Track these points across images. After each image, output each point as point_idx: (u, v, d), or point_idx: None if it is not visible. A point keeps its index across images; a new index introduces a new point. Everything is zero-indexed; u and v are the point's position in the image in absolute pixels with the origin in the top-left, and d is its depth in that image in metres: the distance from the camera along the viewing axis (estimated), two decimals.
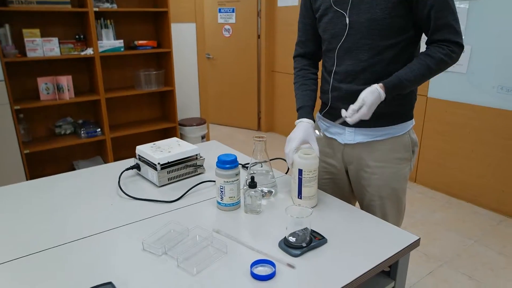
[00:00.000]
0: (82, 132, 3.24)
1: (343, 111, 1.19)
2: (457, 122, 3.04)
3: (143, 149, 1.44)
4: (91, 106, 3.49)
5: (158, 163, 1.35)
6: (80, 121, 3.41)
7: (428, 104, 3.18)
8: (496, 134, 2.81)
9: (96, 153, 3.63)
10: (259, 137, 1.26)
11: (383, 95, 1.16)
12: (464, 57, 2.85)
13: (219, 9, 4.94)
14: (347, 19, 1.23)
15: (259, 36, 4.78)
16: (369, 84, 1.21)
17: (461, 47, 1.17)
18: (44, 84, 3.07)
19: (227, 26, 4.95)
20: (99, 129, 3.32)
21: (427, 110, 3.21)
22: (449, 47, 1.16)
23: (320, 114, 1.48)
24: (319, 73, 1.47)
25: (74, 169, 3.37)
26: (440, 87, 3.07)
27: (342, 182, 1.47)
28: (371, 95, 1.15)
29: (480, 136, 2.91)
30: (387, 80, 1.18)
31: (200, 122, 3.99)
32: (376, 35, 1.20)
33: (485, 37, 2.75)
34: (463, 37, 1.21)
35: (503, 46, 2.68)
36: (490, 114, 2.82)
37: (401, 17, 1.18)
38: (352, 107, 1.17)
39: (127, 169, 1.44)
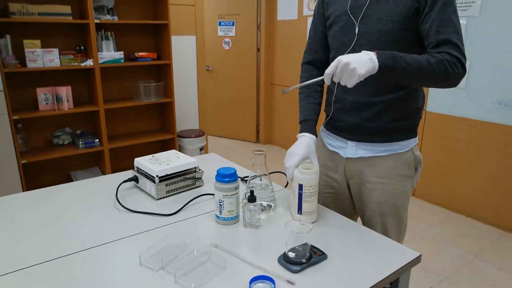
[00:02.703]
0: (80, 142, 3.22)
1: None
2: (455, 136, 3.04)
3: (141, 161, 1.43)
4: (90, 117, 3.48)
5: (157, 176, 1.33)
6: (79, 132, 3.40)
7: (427, 118, 3.19)
8: (495, 149, 2.81)
9: (94, 163, 3.61)
10: (259, 151, 1.25)
11: (375, 59, 1.03)
12: None
13: (219, 22, 4.98)
14: (357, 29, 1.24)
15: (258, 49, 4.82)
16: (374, 96, 1.20)
17: (462, 66, 1.12)
18: (43, 94, 3.07)
19: (227, 39, 4.99)
20: (97, 140, 3.31)
21: (425, 124, 3.21)
22: (452, 58, 1.10)
23: (323, 126, 1.47)
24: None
25: (71, 180, 3.35)
26: (439, 101, 3.08)
27: (343, 196, 1.46)
28: (356, 56, 1.03)
29: (478, 150, 2.91)
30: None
31: (199, 134, 3.99)
32: (384, 47, 1.19)
33: (483, 52, 2.77)
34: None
35: (501, 62, 2.70)
36: (489, 128, 2.83)
37: (411, 30, 1.17)
38: (329, 69, 1.05)
39: (125, 181, 1.43)
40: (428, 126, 3.21)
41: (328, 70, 1.05)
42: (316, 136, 1.34)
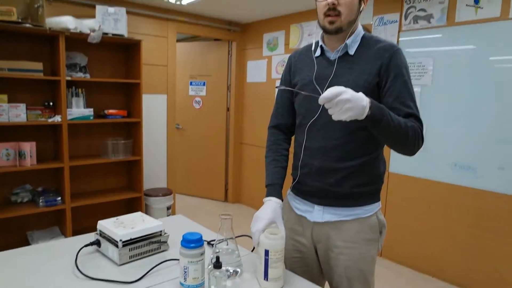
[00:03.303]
0: (40, 200, 3.09)
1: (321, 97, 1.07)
2: (418, 197, 3.15)
3: (104, 224, 1.39)
4: (54, 174, 3.38)
5: (120, 240, 1.30)
6: (40, 189, 3.27)
7: (390, 179, 3.31)
8: (456, 209, 2.92)
9: (54, 223, 3.44)
10: (226, 215, 1.25)
11: (366, 104, 1.07)
12: None
13: (191, 82, 5.13)
14: None
15: (228, 109, 4.94)
16: (339, 161, 1.25)
17: (422, 138, 1.23)
18: (4, 149, 2.98)
19: (197, 98, 5.11)
20: (59, 198, 3.19)
21: (389, 185, 3.32)
22: (418, 129, 1.22)
23: (290, 190, 1.50)
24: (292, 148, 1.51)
25: (27, 240, 3.16)
26: (400, 162, 3.23)
27: (311, 261, 1.45)
28: (356, 94, 1.06)
29: (441, 211, 3.02)
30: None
31: (167, 192, 3.93)
32: None
33: (437, 117, 2.98)
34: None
35: (453, 127, 2.90)
36: (448, 189, 2.96)
37: None
38: (326, 94, 1.05)
39: (86, 246, 1.37)
40: (391, 187, 3.31)
41: (327, 94, 1.04)
42: (282, 200, 1.36)
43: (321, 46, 1.37)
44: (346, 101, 1.04)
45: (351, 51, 1.31)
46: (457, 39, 2.84)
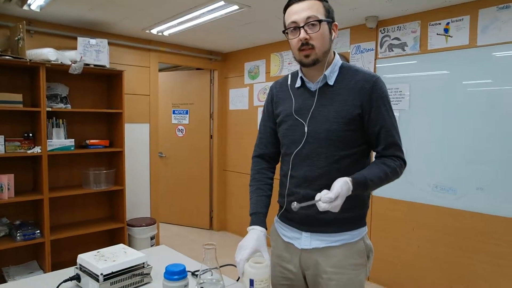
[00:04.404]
0: (18, 234, 2.99)
1: (317, 195, 1.18)
2: (401, 219, 3.18)
3: (85, 258, 1.36)
4: (32, 206, 3.29)
5: (101, 274, 1.26)
6: (18, 222, 3.17)
7: (374, 202, 3.34)
8: (438, 230, 2.96)
9: (32, 257, 3.32)
10: (209, 245, 1.24)
11: (351, 188, 1.19)
12: None
13: (173, 111, 5.14)
14: (306, 128, 1.34)
15: (211, 136, 4.96)
16: (325, 189, 1.27)
17: (405, 164, 1.34)
18: None
19: (180, 127, 5.11)
20: (38, 231, 3.09)
21: (373, 208, 3.35)
22: (399, 161, 1.32)
23: (277, 217, 1.50)
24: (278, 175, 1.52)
25: (3, 277, 3.03)
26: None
27: None
28: (345, 186, 1.18)
29: (423, 232, 3.04)
30: (354, 176, 1.23)
31: (150, 222, 3.86)
32: (332, 146, 1.31)
33: (415, 140, 3.05)
34: None
35: (431, 149, 2.97)
36: (429, 211, 3.00)
37: (356, 131, 1.31)
38: (330, 195, 1.16)
39: (65, 281, 1.33)
40: (375, 210, 3.34)
41: (330, 195, 1.15)
42: (266, 229, 1.36)
43: (301, 77, 1.41)
44: (337, 200, 1.16)
45: (331, 81, 1.35)
46: (431, 65, 2.96)
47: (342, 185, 1.17)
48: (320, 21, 1.27)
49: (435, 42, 2.92)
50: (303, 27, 1.27)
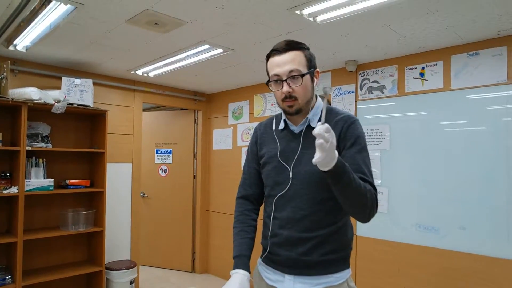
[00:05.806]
0: None
1: (318, 125, 1.10)
2: (386, 259, 3.16)
3: None
4: (5, 249, 3.14)
5: None
6: None
7: (358, 243, 3.32)
8: (423, 270, 2.94)
9: None
10: None
11: (336, 156, 1.13)
12: (383, 198, 3.13)
13: (157, 150, 5.12)
14: (291, 173, 1.35)
15: (195, 176, 4.92)
16: (308, 231, 1.27)
17: (375, 190, 1.28)
18: None
19: (163, 166, 5.07)
20: (9, 276, 2.94)
21: (357, 249, 3.32)
22: (369, 186, 1.27)
23: (261, 259, 1.48)
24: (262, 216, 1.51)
25: None
26: (366, 225, 3.26)
27: None
28: (334, 145, 1.12)
29: (409, 272, 3.02)
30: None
31: (130, 265, 3.72)
32: (315, 187, 1.31)
33: (397, 180, 3.09)
34: (379, 181, 1.37)
35: (413, 189, 3.01)
36: (413, 251, 2.99)
37: None
38: (326, 125, 1.11)
39: None
40: (360, 250, 3.31)
41: (325, 128, 1.08)
42: (250, 272, 1.34)
43: (284, 120, 1.45)
44: (330, 143, 1.09)
45: (314, 124, 1.38)
46: (409, 107, 3.06)
47: (330, 144, 1.10)
48: (302, 75, 1.31)
49: (412, 85, 3.05)
50: (285, 80, 1.31)
